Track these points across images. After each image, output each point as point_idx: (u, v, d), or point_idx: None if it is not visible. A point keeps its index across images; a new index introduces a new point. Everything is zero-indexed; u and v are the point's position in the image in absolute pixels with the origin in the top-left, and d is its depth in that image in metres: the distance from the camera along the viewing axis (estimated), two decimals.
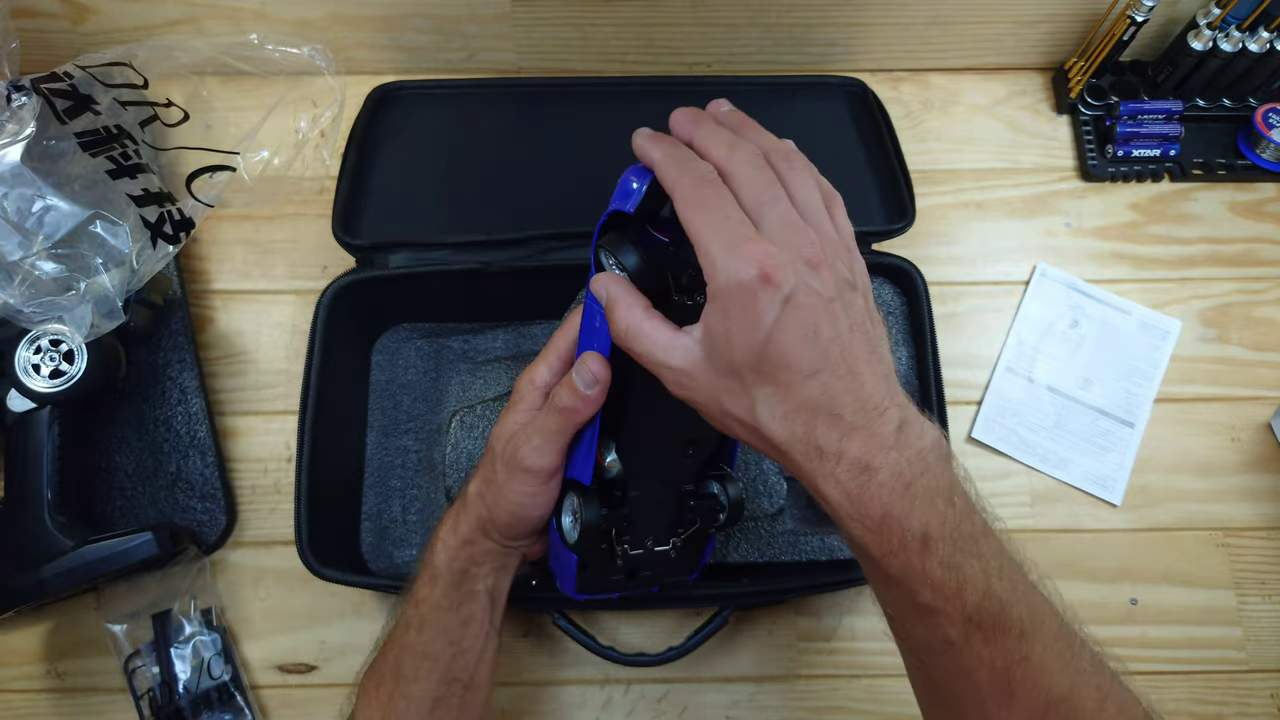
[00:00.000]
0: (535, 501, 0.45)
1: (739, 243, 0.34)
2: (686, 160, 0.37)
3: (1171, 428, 0.65)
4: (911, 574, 0.35)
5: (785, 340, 0.35)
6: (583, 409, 0.43)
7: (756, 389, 0.36)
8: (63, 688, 0.58)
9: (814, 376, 0.35)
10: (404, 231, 0.63)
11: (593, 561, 0.46)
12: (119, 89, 0.61)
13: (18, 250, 0.53)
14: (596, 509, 0.44)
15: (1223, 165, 0.72)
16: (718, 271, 0.34)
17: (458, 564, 0.47)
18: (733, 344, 0.35)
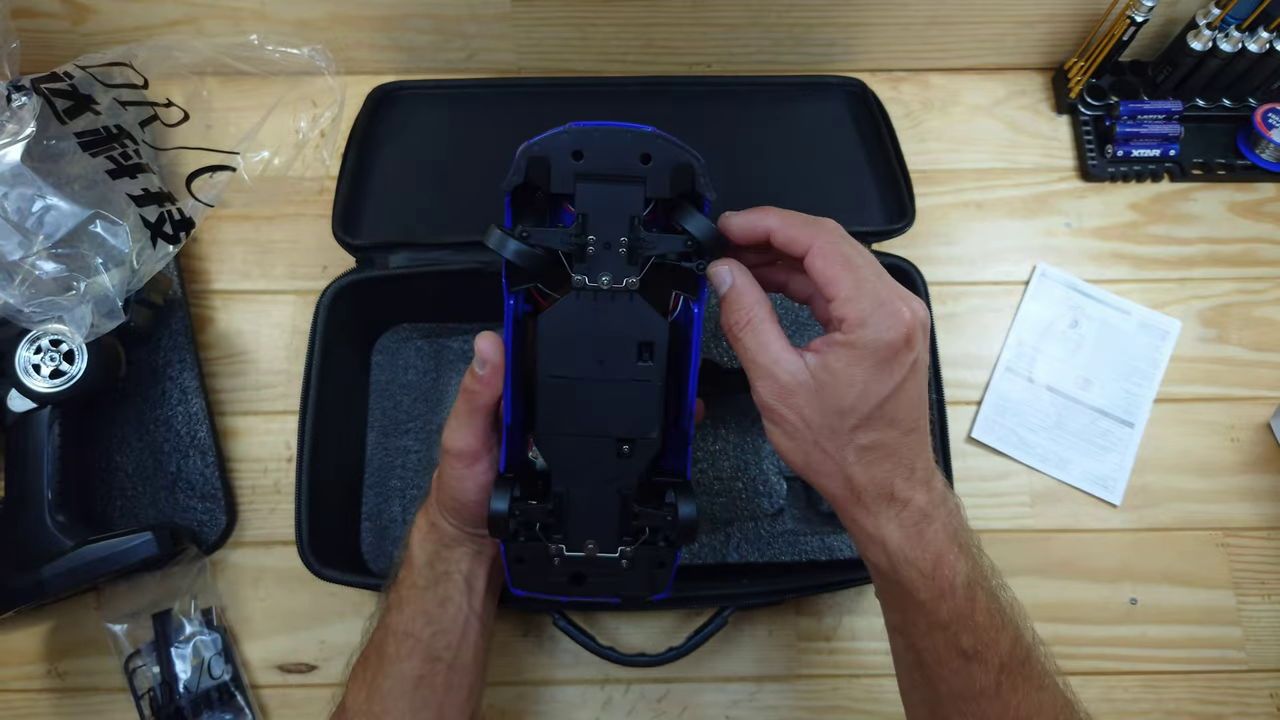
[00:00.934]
0: (465, 486, 0.45)
1: (889, 300, 0.38)
2: (810, 219, 0.40)
3: (1171, 428, 0.65)
4: (959, 618, 0.38)
5: (903, 399, 0.38)
6: (480, 389, 0.43)
7: (858, 433, 0.38)
8: (63, 687, 0.58)
9: (909, 433, 0.39)
10: (404, 231, 0.63)
11: (526, 557, 0.43)
12: (119, 89, 0.61)
13: (18, 250, 0.53)
14: (504, 496, 0.42)
15: (1222, 165, 0.72)
16: (865, 327, 0.37)
17: (429, 546, 0.47)
18: (856, 390, 0.38)
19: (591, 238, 0.39)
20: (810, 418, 0.39)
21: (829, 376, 0.38)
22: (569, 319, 0.40)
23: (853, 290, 0.38)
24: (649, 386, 0.41)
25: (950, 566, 0.38)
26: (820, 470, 0.39)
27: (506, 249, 0.38)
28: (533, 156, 0.38)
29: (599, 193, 0.39)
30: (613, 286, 0.39)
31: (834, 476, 0.39)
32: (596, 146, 0.39)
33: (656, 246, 0.40)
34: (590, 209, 0.39)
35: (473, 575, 0.48)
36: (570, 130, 0.38)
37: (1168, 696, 0.59)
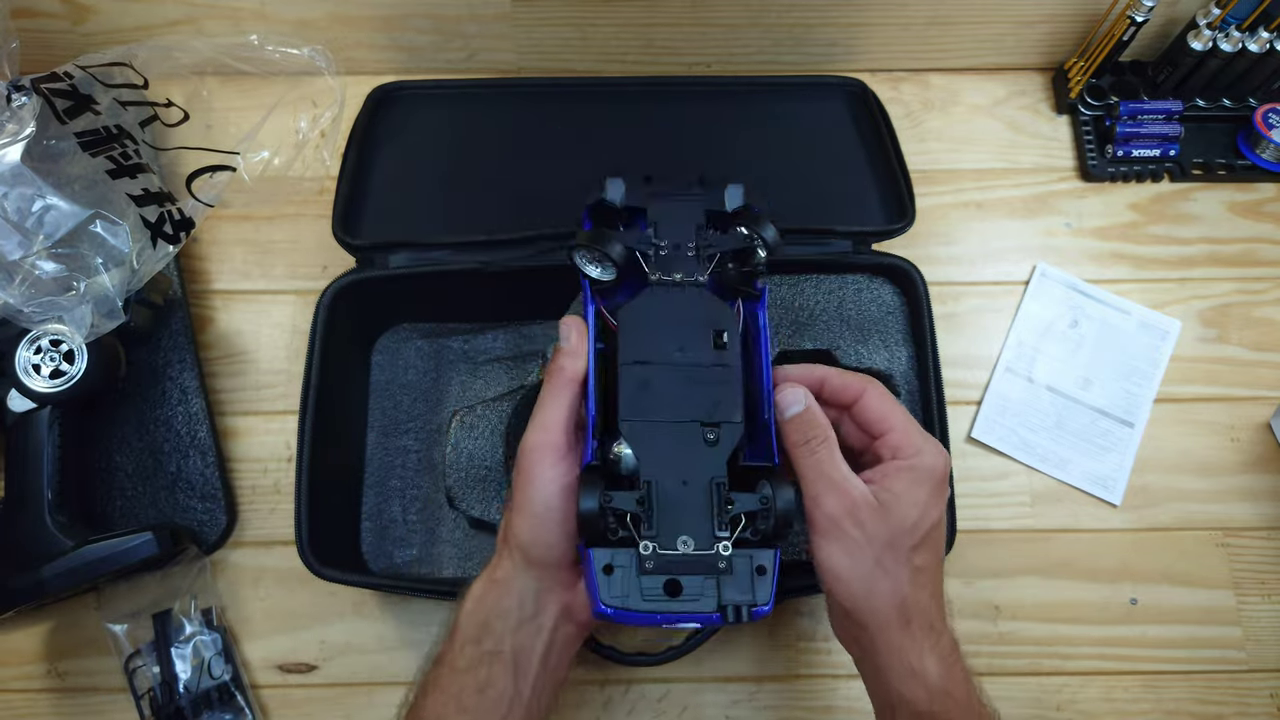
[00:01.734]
0: (546, 489, 0.41)
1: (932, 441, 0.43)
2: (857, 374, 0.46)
3: (1171, 428, 0.65)
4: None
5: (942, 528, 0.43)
6: (567, 364, 0.43)
7: (915, 554, 0.41)
8: (63, 688, 0.58)
9: (941, 565, 0.43)
10: (404, 231, 0.63)
11: (616, 564, 0.39)
12: (119, 89, 0.61)
13: (18, 250, 0.53)
14: (594, 491, 0.39)
15: (1222, 165, 0.72)
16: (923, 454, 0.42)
17: (479, 615, 0.42)
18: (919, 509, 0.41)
19: (664, 240, 0.45)
20: (874, 534, 0.40)
21: (892, 497, 0.41)
22: (647, 310, 0.44)
23: (905, 425, 0.43)
24: (727, 370, 0.43)
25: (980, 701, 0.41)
26: (877, 590, 0.41)
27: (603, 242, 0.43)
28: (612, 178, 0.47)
29: (667, 205, 0.47)
30: (684, 280, 0.44)
31: (890, 597, 0.40)
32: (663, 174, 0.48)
33: (719, 245, 0.45)
34: (660, 218, 0.46)
35: (525, 651, 0.42)
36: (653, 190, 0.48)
37: (1168, 696, 0.59)
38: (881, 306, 0.63)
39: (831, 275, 0.64)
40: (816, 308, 0.63)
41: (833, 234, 0.63)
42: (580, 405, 0.43)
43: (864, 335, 0.62)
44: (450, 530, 0.61)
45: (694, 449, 0.41)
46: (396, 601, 0.60)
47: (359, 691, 0.58)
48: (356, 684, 0.59)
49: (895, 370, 0.62)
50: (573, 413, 0.43)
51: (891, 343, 0.62)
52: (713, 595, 0.39)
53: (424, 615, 0.60)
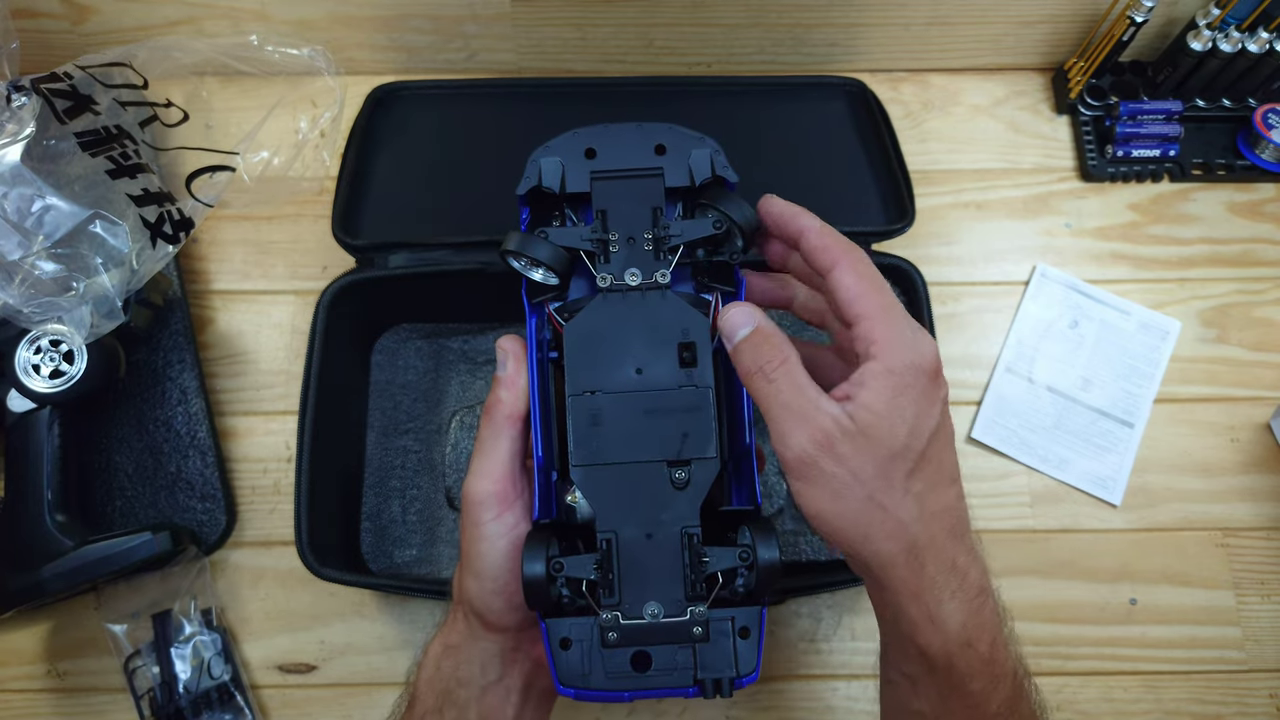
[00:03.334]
0: (493, 546, 0.36)
1: (914, 330, 0.34)
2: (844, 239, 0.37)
3: (1171, 428, 0.65)
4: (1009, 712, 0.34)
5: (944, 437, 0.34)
6: (504, 396, 0.37)
7: (914, 480, 0.33)
8: (63, 688, 0.58)
9: (955, 482, 0.35)
10: (404, 231, 0.63)
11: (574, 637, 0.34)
12: (119, 89, 0.61)
13: (18, 250, 0.53)
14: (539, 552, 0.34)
15: (1222, 166, 0.72)
16: (896, 349, 0.33)
17: (439, 682, 0.38)
18: (909, 424, 0.33)
19: (614, 234, 0.36)
20: (858, 467, 0.33)
21: (872, 417, 0.33)
22: (597, 325, 0.36)
23: (881, 312, 0.34)
24: (699, 393, 0.35)
25: (1004, 652, 0.34)
26: (874, 534, 0.33)
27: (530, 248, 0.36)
28: (544, 159, 0.38)
29: (617, 188, 0.37)
30: (643, 284, 0.36)
31: (893, 539, 0.33)
32: (609, 143, 0.37)
33: (684, 234, 0.37)
34: (609, 205, 0.37)
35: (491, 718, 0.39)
36: (580, 131, 0.38)
37: (1167, 696, 0.59)
38: None
39: None
40: None
41: None
42: (526, 440, 0.38)
43: None
44: (450, 530, 0.61)
45: (660, 494, 0.35)
46: (396, 601, 0.60)
47: (359, 691, 0.58)
48: (356, 684, 0.59)
49: None
50: (516, 453, 0.38)
51: None
52: (688, 667, 0.34)
53: (424, 615, 0.60)
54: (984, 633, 0.34)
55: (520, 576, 0.34)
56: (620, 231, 0.37)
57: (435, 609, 0.60)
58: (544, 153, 0.38)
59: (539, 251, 0.36)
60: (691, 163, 0.37)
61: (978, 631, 0.34)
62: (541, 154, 0.38)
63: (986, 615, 0.34)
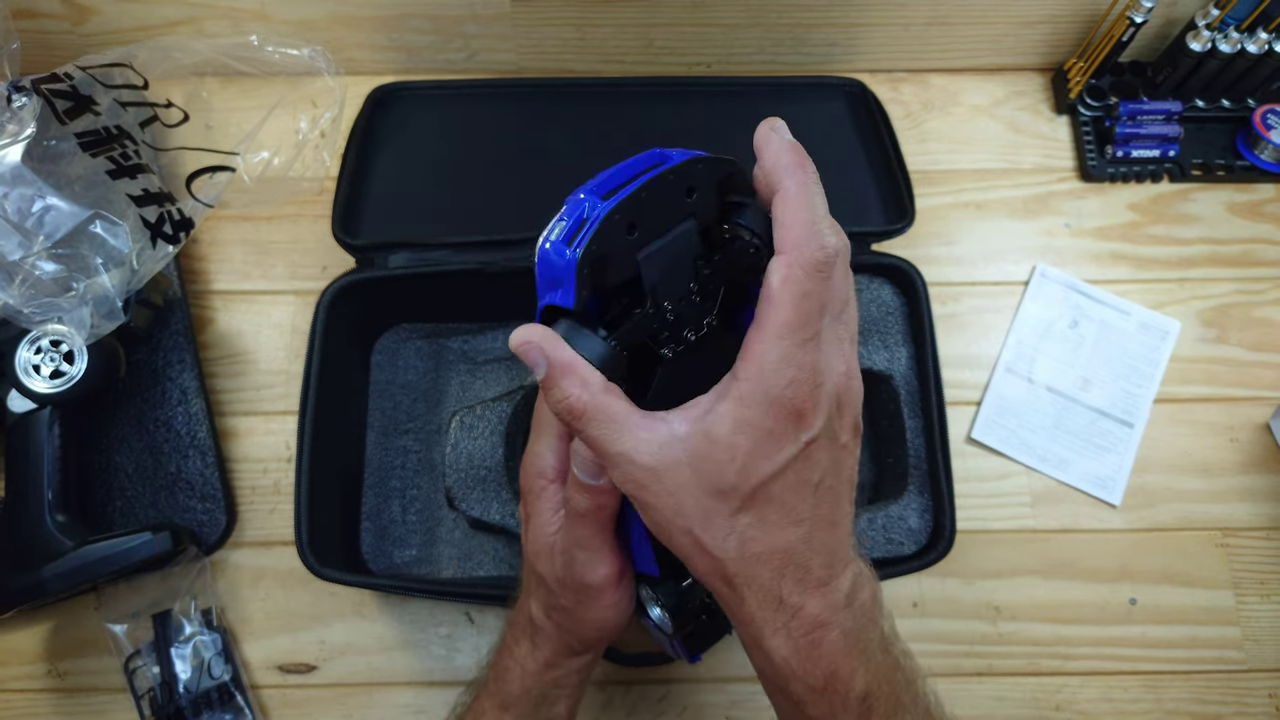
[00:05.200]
0: (617, 610, 0.40)
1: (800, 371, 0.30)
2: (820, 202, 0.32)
3: (1171, 428, 0.65)
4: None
5: (788, 481, 0.31)
6: (604, 501, 0.37)
7: (739, 518, 0.32)
8: (63, 688, 0.58)
9: (800, 524, 0.32)
10: (404, 231, 0.63)
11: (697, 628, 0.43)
12: (119, 89, 0.61)
13: (18, 250, 0.53)
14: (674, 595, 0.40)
15: (1222, 166, 0.72)
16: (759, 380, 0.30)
17: (538, 690, 0.43)
18: (737, 465, 0.31)
19: (668, 305, 0.34)
20: (681, 504, 0.31)
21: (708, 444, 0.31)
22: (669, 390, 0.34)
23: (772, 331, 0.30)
24: None
25: (845, 680, 0.33)
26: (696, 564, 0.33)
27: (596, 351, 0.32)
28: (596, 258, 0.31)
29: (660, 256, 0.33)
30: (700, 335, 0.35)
31: (712, 571, 0.33)
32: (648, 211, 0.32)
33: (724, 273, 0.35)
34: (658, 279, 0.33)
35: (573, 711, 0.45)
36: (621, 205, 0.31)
37: (1167, 696, 0.59)
38: (881, 307, 0.63)
39: None
40: None
41: None
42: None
43: (864, 335, 0.62)
44: (450, 530, 0.61)
45: None
46: (396, 601, 0.60)
47: (359, 691, 0.58)
48: (356, 684, 0.59)
49: (895, 370, 0.62)
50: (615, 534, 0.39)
51: (891, 343, 0.63)
52: None
53: (424, 615, 0.60)
54: (816, 665, 0.33)
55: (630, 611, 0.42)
56: (672, 298, 0.34)
57: (435, 609, 0.60)
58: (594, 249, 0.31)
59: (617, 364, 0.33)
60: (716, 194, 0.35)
61: (807, 664, 0.33)
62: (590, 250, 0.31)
63: (824, 650, 0.33)
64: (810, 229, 0.31)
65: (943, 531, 0.57)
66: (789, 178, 0.31)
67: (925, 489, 0.60)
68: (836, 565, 0.33)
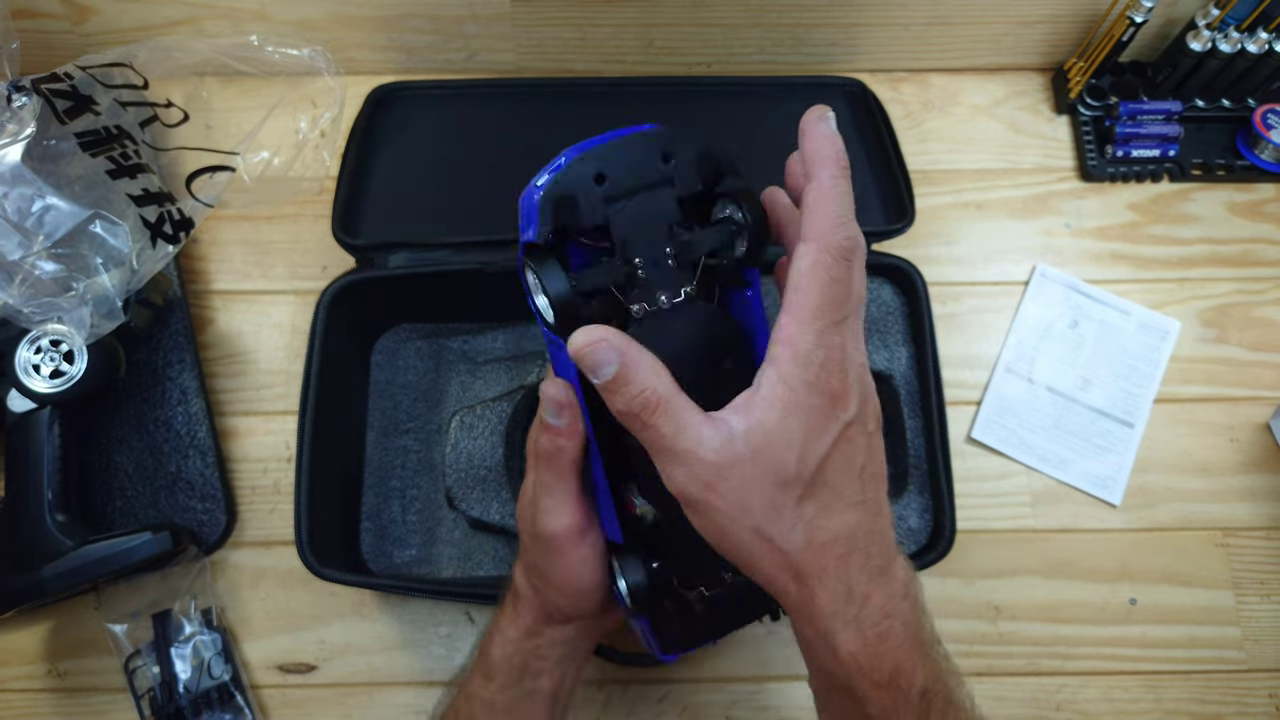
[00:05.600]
0: (581, 569, 0.40)
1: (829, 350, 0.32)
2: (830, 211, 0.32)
3: (1171, 428, 0.65)
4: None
5: (837, 463, 0.32)
6: (564, 444, 0.38)
7: (804, 506, 0.32)
8: (63, 687, 0.58)
9: (854, 508, 0.33)
10: (404, 231, 0.63)
11: (670, 617, 0.40)
12: (119, 89, 0.61)
13: (18, 250, 0.53)
14: (638, 567, 0.38)
15: (1222, 166, 0.72)
16: (796, 362, 0.31)
17: (518, 658, 0.42)
18: (795, 451, 0.31)
19: (638, 260, 0.35)
20: (745, 500, 0.32)
21: (764, 438, 0.32)
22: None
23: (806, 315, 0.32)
24: None
25: (908, 676, 0.33)
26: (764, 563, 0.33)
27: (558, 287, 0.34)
28: (558, 197, 0.34)
29: (632, 210, 0.35)
30: (674, 302, 0.36)
31: (782, 569, 0.33)
32: (617, 163, 0.35)
33: (703, 245, 0.36)
34: (628, 233, 0.35)
35: (560, 688, 0.44)
36: (586, 154, 0.35)
37: (1167, 696, 0.59)
38: (881, 306, 0.63)
39: None
40: None
41: None
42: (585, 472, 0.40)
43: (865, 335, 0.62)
44: (450, 530, 0.61)
45: None
46: (396, 601, 0.60)
47: (359, 691, 0.58)
48: (356, 684, 0.59)
49: (895, 370, 0.62)
50: (580, 486, 0.40)
51: (891, 343, 0.63)
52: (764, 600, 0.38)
53: (424, 615, 0.60)
54: (883, 660, 0.33)
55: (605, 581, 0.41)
56: (644, 256, 0.35)
57: (435, 609, 0.60)
58: (555, 186, 0.34)
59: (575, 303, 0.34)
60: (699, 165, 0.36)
61: (873, 660, 0.33)
62: (553, 188, 0.34)
63: (891, 642, 0.33)
64: (838, 219, 0.32)
65: (943, 531, 0.58)
66: (825, 169, 0.33)
67: (925, 489, 0.60)
68: (889, 554, 0.34)
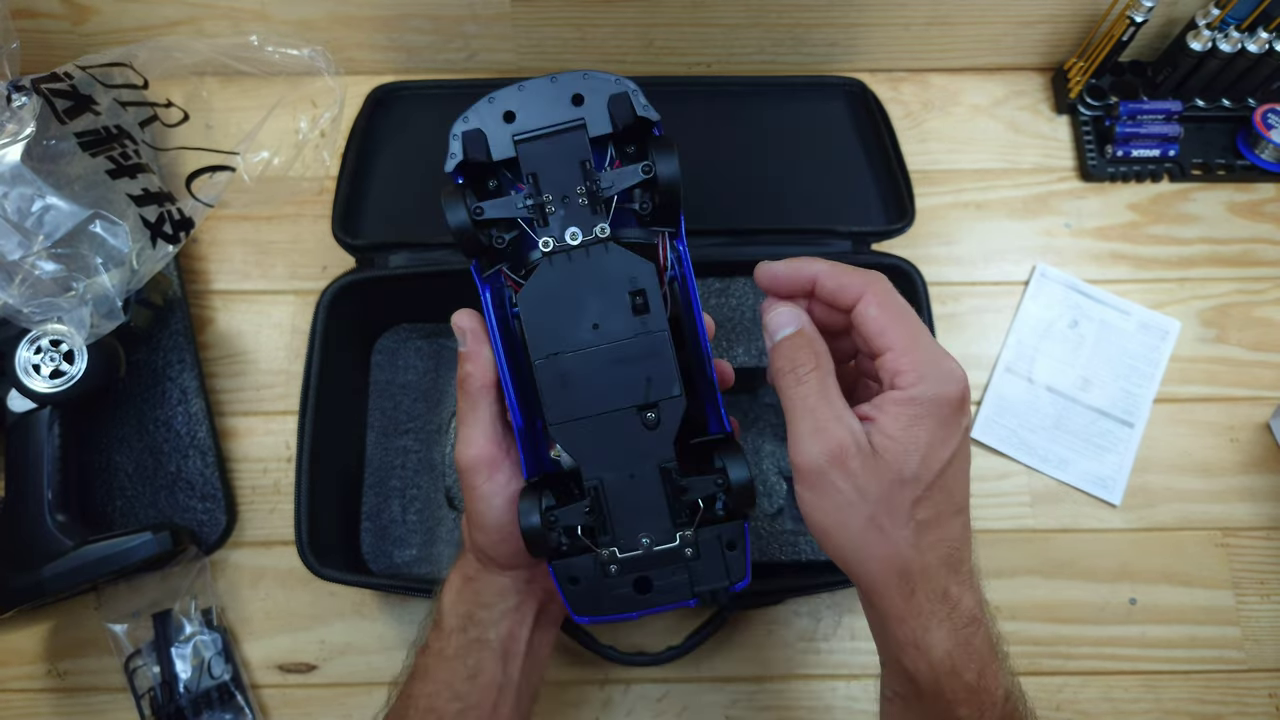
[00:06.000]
0: (493, 505, 0.39)
1: (944, 357, 0.35)
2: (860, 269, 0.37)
3: (1171, 428, 0.65)
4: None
5: (958, 467, 0.34)
6: (470, 369, 0.39)
7: (919, 508, 0.34)
8: (63, 687, 0.58)
9: (962, 512, 0.35)
10: (404, 231, 0.63)
11: (580, 575, 0.37)
12: (119, 89, 0.61)
13: (18, 250, 0.53)
14: (533, 505, 0.37)
15: (1222, 165, 0.72)
16: (925, 381, 0.34)
17: (462, 607, 0.42)
18: (919, 455, 0.33)
19: (547, 196, 0.37)
20: (866, 487, 0.34)
21: (888, 441, 0.34)
22: (548, 289, 0.37)
23: (909, 343, 0.35)
24: (655, 338, 0.36)
25: (994, 679, 0.34)
26: (870, 554, 0.34)
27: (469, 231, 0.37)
28: (465, 131, 0.37)
29: (542, 148, 0.37)
30: (584, 241, 0.37)
31: (887, 561, 0.34)
32: (526, 103, 0.37)
33: (615, 184, 0.37)
34: (538, 167, 0.37)
35: (511, 638, 0.42)
36: (495, 95, 0.38)
37: (1167, 696, 0.59)
38: None
39: None
40: None
41: (833, 234, 0.63)
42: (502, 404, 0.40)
43: None
44: (450, 530, 0.61)
45: (635, 437, 0.37)
46: (396, 601, 0.60)
47: (359, 691, 0.58)
48: (356, 684, 0.59)
49: None
50: (496, 417, 0.40)
51: None
52: (685, 584, 0.37)
53: (424, 615, 0.60)
54: (971, 661, 0.34)
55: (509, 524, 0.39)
56: (554, 192, 0.37)
57: None
58: (463, 124, 0.37)
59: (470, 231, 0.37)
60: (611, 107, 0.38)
61: (964, 660, 0.34)
62: (461, 125, 0.37)
63: (977, 644, 0.34)
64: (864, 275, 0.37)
65: None
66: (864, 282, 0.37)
67: None
68: (972, 559, 0.36)
